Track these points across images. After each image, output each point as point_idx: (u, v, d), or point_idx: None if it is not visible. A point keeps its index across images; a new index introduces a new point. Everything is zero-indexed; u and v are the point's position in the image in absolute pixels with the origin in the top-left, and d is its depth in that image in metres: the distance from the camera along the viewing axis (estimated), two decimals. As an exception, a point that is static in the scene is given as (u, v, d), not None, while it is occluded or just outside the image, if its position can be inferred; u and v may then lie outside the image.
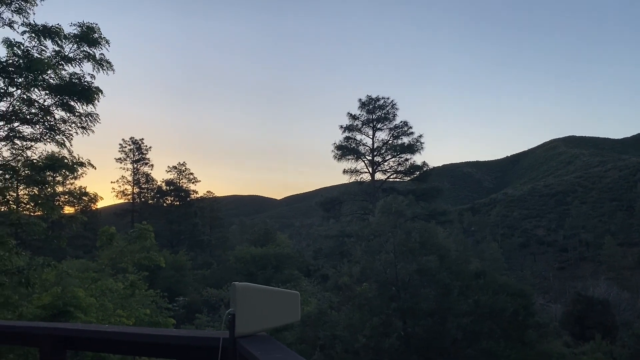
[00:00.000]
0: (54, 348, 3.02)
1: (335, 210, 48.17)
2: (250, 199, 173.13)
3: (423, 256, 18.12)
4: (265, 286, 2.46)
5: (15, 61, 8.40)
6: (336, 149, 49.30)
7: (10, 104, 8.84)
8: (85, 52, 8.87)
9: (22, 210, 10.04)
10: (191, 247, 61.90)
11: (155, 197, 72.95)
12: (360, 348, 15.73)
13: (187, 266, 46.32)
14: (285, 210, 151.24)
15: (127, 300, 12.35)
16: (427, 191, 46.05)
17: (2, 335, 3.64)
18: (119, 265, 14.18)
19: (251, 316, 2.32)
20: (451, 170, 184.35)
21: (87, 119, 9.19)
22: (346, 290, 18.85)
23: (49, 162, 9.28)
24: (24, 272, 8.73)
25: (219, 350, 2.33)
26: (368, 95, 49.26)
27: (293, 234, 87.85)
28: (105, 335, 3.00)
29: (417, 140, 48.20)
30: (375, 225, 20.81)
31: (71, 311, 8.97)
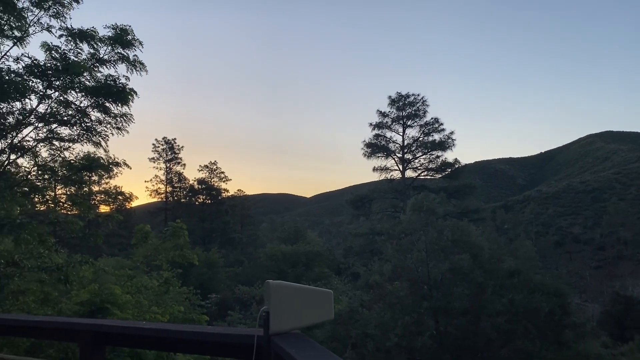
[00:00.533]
0: (94, 343, 3.09)
1: (365, 208, 47.98)
2: (280, 197, 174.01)
3: (455, 255, 17.89)
4: (299, 284, 2.46)
5: (53, 64, 8.64)
6: (366, 146, 49.12)
7: (48, 106, 9.11)
8: (120, 53, 9.06)
9: (59, 210, 10.34)
10: (223, 244, 62.66)
11: (188, 196, 74.13)
12: (392, 347, 15.64)
13: (219, 264, 46.88)
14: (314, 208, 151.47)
15: (162, 297, 12.58)
16: (459, 189, 45.44)
17: (44, 331, 3.75)
18: (154, 262, 14.47)
19: (285, 314, 2.32)
20: (483, 167, 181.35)
21: (121, 119, 9.40)
22: (377, 289, 18.76)
23: (85, 163, 9.52)
24: (63, 270, 8.98)
25: (253, 347, 2.34)
26: (398, 92, 48.91)
27: (323, 232, 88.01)
28: (143, 332, 3.06)
29: (449, 137, 47.63)
30: (407, 224, 20.64)
31: (108, 308, 9.19)
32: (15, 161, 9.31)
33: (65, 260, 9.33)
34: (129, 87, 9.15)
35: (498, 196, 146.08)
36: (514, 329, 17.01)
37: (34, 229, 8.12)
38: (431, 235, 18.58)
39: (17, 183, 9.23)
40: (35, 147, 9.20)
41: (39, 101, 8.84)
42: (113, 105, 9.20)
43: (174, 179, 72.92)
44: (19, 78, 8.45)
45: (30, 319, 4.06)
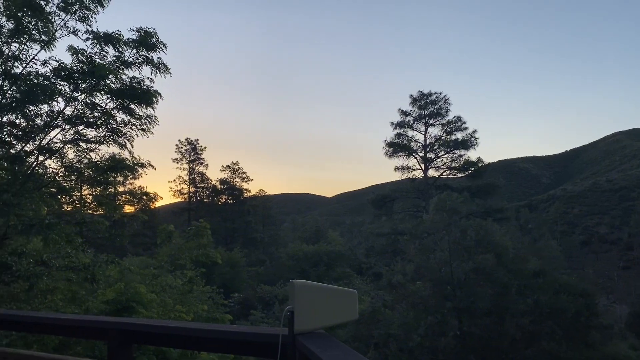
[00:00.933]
0: (121, 342, 3.14)
1: (387, 207, 47.71)
2: (301, 197, 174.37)
3: (479, 254, 17.70)
4: (323, 284, 2.47)
5: (80, 67, 8.81)
6: (387, 145, 48.83)
7: (75, 108, 9.28)
8: (144, 56, 9.19)
9: (86, 210, 10.53)
10: (245, 244, 63.05)
11: (210, 196, 74.84)
12: (415, 347, 15.55)
13: (242, 263, 47.18)
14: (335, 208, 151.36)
15: (186, 296, 12.71)
16: (482, 188, 44.88)
17: (73, 329, 3.83)
18: (177, 262, 14.64)
19: (309, 313, 2.32)
20: (507, 166, 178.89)
21: (146, 121, 9.53)
22: (400, 289, 18.67)
23: (111, 164, 9.68)
24: (90, 269, 9.15)
25: (278, 346, 2.35)
26: (419, 90, 48.54)
27: (344, 231, 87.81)
28: (169, 331, 3.09)
29: (471, 135, 47.07)
30: (429, 223, 20.49)
31: (134, 306, 9.32)
32: (43, 162, 9.51)
33: (91, 259, 9.50)
34: (153, 89, 9.29)
35: (522, 195, 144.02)
36: (539, 330, 16.77)
37: (62, 229, 8.29)
38: (454, 235, 18.41)
39: (45, 184, 9.42)
40: (63, 149, 9.39)
41: (66, 104, 9.03)
42: (138, 107, 9.34)
43: (196, 179, 73.72)
44: (47, 81, 8.63)
45: (59, 317, 4.15)
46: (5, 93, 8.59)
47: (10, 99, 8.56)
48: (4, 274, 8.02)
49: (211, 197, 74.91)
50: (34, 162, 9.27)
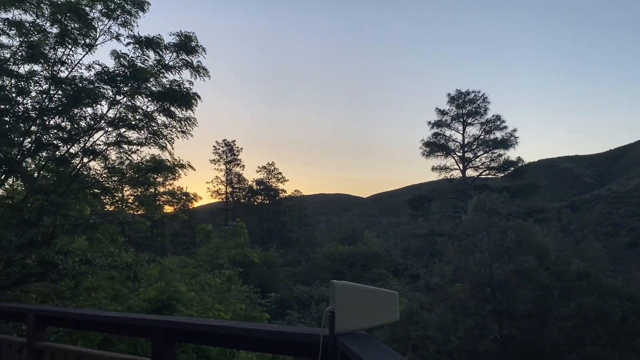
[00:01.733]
0: (165, 339, 3.21)
1: (424, 208, 47.20)
2: (336, 198, 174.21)
3: (520, 256, 17.29)
4: (364, 285, 2.45)
5: (122, 71, 9.05)
6: (424, 145, 48.35)
7: (117, 111, 9.53)
8: (184, 60, 9.36)
9: (127, 210, 10.81)
10: (281, 244, 63.49)
11: (247, 196, 75.75)
12: (453, 350, 15.32)
13: (278, 263, 47.52)
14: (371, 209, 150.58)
15: (224, 295, 12.91)
16: (522, 188, 43.90)
17: (119, 326, 3.94)
18: (216, 261, 14.89)
19: (350, 314, 2.31)
20: (548, 166, 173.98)
21: (185, 123, 9.70)
22: (438, 291, 18.44)
23: (152, 165, 9.91)
24: (132, 268, 9.38)
25: (319, 346, 2.34)
26: (457, 89, 47.88)
27: (380, 232, 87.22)
28: (211, 329, 3.13)
29: (511, 134, 46.11)
30: (468, 224, 20.15)
31: (174, 304, 9.53)
32: (87, 164, 9.80)
33: (133, 258, 9.75)
34: (192, 92, 9.45)
35: (564, 195, 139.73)
36: (583, 334, 16.26)
37: (106, 229, 8.54)
38: (494, 236, 18.05)
39: (89, 185, 9.71)
40: (106, 151, 9.66)
41: (109, 107, 9.28)
42: (178, 109, 9.53)
43: (233, 180, 74.75)
44: (91, 85, 8.90)
45: (106, 315, 4.27)
46: (52, 97, 8.90)
47: (56, 103, 8.86)
48: (51, 272, 8.30)
49: (247, 197, 75.83)
50: (78, 163, 9.56)
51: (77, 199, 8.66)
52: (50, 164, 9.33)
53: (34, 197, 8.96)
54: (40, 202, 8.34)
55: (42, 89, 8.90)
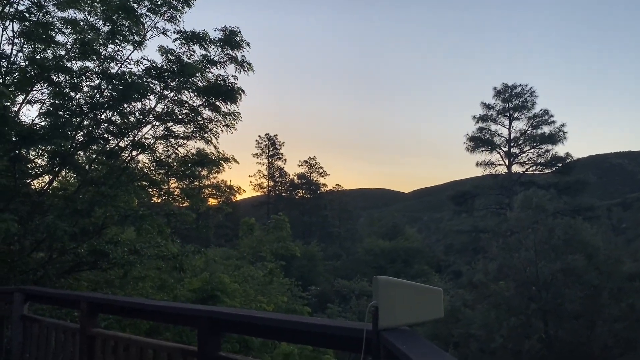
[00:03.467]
0: (211, 329, 3.28)
1: (468, 204, 46.44)
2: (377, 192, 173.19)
3: (568, 254, 16.77)
4: (408, 281, 2.44)
5: (169, 66, 9.27)
6: (469, 140, 47.57)
7: (164, 105, 9.77)
8: (228, 54, 9.49)
9: (173, 203, 11.09)
10: (321, 238, 63.77)
11: (288, 190, 76.44)
12: (496, 348, 15.05)
13: (319, 257, 47.77)
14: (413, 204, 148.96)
15: (266, 287, 13.08)
16: (570, 184, 42.55)
17: (167, 315, 4.05)
18: (259, 254, 15.11)
19: (394, 310, 2.30)
20: (599, 162, 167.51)
21: (230, 117, 9.86)
22: (481, 288, 18.12)
23: (197, 158, 10.12)
24: (178, 258, 9.64)
25: (361, 341, 2.35)
26: (504, 82, 46.79)
27: (422, 228, 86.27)
28: (256, 320, 3.18)
29: (559, 129, 44.78)
30: (514, 221, 19.69)
31: (218, 295, 9.74)
32: (136, 157, 10.10)
33: (179, 249, 10.00)
34: (237, 87, 9.59)
35: (615, 193, 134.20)
36: (635, 337, 15.65)
37: (154, 220, 8.79)
38: (541, 234, 17.57)
39: (138, 177, 10.02)
40: (153, 144, 9.93)
41: (157, 101, 9.52)
42: (223, 104, 9.69)
43: (275, 173, 75.54)
44: (140, 80, 9.16)
45: (155, 304, 4.41)
46: (102, 92, 9.21)
47: (107, 98, 9.17)
48: (101, 260, 8.63)
49: (289, 191, 76.51)
50: (127, 156, 9.87)
51: (127, 190, 8.96)
52: (101, 156, 9.67)
53: (85, 189, 9.32)
54: (91, 194, 8.67)
55: (93, 84, 9.22)
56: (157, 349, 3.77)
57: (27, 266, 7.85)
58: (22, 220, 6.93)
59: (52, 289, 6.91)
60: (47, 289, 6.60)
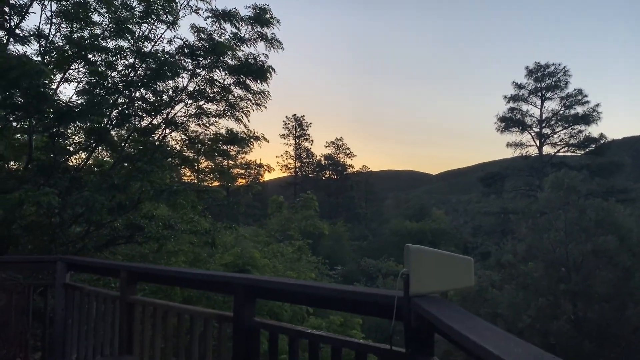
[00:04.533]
0: (247, 295, 3.42)
1: (497, 186, 45.86)
2: (404, 174, 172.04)
3: (599, 236, 16.51)
4: (438, 250, 2.49)
5: (201, 45, 9.40)
6: (499, 120, 46.76)
7: (196, 84, 9.93)
8: (259, 32, 9.55)
9: (204, 181, 11.32)
10: (348, 219, 63.96)
11: (315, 171, 76.70)
12: (524, 328, 15.01)
13: (345, 237, 48.00)
14: (440, 186, 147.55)
15: (295, 264, 13.30)
16: (604, 166, 41.55)
17: (204, 282, 4.22)
18: (287, 232, 15.35)
19: (425, 277, 2.35)
20: (634, 143, 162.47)
21: (260, 96, 9.96)
22: (509, 269, 18.01)
23: (228, 137, 10.28)
24: (210, 233, 9.88)
25: (393, 307, 2.42)
26: (536, 62, 45.66)
27: (449, 210, 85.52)
28: (290, 287, 3.31)
29: (593, 109, 43.61)
30: (544, 202, 19.40)
31: (249, 270, 9.97)
32: (169, 135, 10.32)
33: (211, 224, 10.25)
34: (267, 65, 9.66)
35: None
36: (668, 320, 15.41)
37: (188, 195, 9.03)
38: (572, 215, 17.30)
39: (171, 155, 10.25)
40: (186, 122, 10.12)
41: (189, 79, 9.68)
42: (253, 82, 9.78)
43: (302, 154, 75.83)
44: (172, 59, 9.31)
45: (191, 272, 4.60)
46: (137, 70, 9.41)
47: (141, 76, 9.36)
48: (137, 234, 8.92)
49: (316, 172, 76.79)
50: (160, 134, 10.09)
51: (162, 166, 9.19)
52: (135, 134, 9.92)
53: (121, 165, 9.61)
54: (127, 170, 8.93)
55: (128, 63, 9.42)
56: (194, 314, 3.94)
57: (67, 238, 8.18)
58: (61, 194, 7.20)
59: (92, 259, 7.20)
60: (88, 258, 6.89)
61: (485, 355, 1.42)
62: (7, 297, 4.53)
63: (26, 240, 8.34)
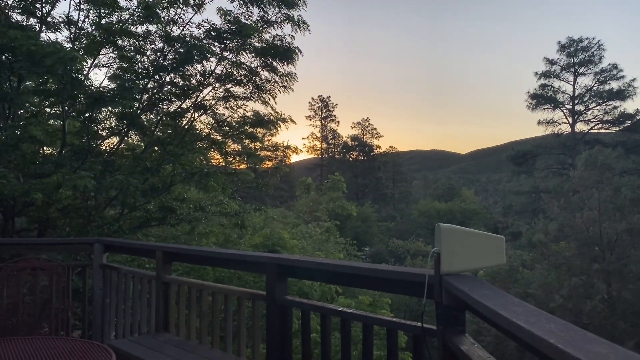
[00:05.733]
0: (278, 274, 3.49)
1: (528, 164, 44.92)
2: (433, 154, 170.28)
3: (635, 214, 16.11)
4: (469, 229, 2.49)
5: (228, 28, 9.43)
6: (530, 97, 45.61)
7: (224, 67, 10.00)
8: (285, 14, 9.53)
9: (233, 163, 11.45)
10: (375, 200, 63.86)
11: (342, 152, 76.52)
12: (556, 308, 14.85)
13: (373, 218, 47.94)
14: (470, 165, 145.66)
15: (323, 245, 13.41)
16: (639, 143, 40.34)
17: (237, 262, 4.32)
18: (315, 213, 15.47)
19: (456, 255, 2.36)
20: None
21: (287, 78, 9.97)
22: (541, 248, 17.77)
23: (255, 119, 10.36)
24: (240, 215, 10.03)
25: (424, 286, 2.44)
26: (569, 36, 44.23)
27: (479, 190, 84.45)
28: (320, 266, 3.36)
29: (629, 84, 42.12)
30: (577, 180, 18.99)
31: (278, 250, 10.11)
32: (198, 118, 10.46)
33: (240, 206, 10.39)
34: (294, 47, 9.66)
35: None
36: None
37: (219, 178, 9.17)
38: (606, 193, 16.91)
39: (200, 138, 10.39)
40: (214, 106, 10.23)
41: (217, 63, 9.75)
42: (279, 64, 9.80)
43: (328, 135, 75.68)
44: (200, 43, 9.38)
45: (224, 252, 4.70)
46: (165, 55, 9.52)
47: (170, 61, 9.47)
48: (169, 216, 9.12)
49: (342, 153, 76.61)
50: (190, 117, 10.23)
51: (193, 149, 9.34)
52: (165, 118, 10.07)
53: (152, 149, 9.79)
54: (158, 153, 9.10)
55: (156, 47, 9.53)
56: (228, 293, 4.04)
57: (102, 220, 8.41)
58: (96, 178, 7.39)
59: (128, 240, 7.41)
60: (125, 240, 7.10)
61: (516, 330, 1.43)
62: (48, 277, 4.71)
63: (63, 222, 8.61)
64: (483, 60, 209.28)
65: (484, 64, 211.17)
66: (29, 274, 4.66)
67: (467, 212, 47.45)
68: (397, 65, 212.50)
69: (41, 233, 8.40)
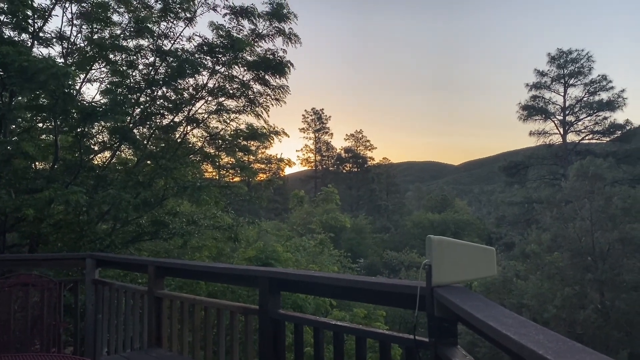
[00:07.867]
0: (271, 288, 3.48)
1: (520, 175, 45.16)
2: (425, 165, 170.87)
3: (627, 224, 16.19)
4: (460, 240, 2.50)
5: (220, 42, 9.48)
6: (521, 109, 45.97)
7: (216, 80, 10.03)
8: (276, 27, 9.59)
9: (226, 176, 11.44)
10: (369, 211, 63.81)
11: (335, 164, 76.60)
12: (550, 318, 14.85)
13: (367, 229, 47.88)
14: (462, 176, 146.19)
15: (317, 257, 13.36)
16: (630, 153, 40.57)
17: (230, 276, 4.30)
18: (308, 226, 15.43)
19: (447, 267, 2.37)
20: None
21: (279, 91, 10.01)
22: (534, 259, 17.80)
23: (248, 132, 10.37)
24: (233, 229, 10.00)
25: (416, 297, 2.44)
26: (558, 48, 44.73)
27: (472, 200, 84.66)
28: (313, 279, 3.35)
29: (619, 95, 42.56)
30: (569, 190, 19.09)
31: (272, 263, 10.07)
32: (191, 132, 10.45)
33: (234, 220, 10.37)
34: (286, 60, 9.70)
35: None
36: (699, 309, 15.08)
37: (211, 191, 9.15)
38: (597, 203, 17.00)
39: (193, 151, 10.39)
40: (207, 119, 10.23)
41: (209, 77, 9.78)
42: (272, 77, 9.84)
43: (322, 148, 75.79)
44: (192, 57, 9.42)
45: (217, 266, 4.68)
46: (157, 69, 9.54)
47: (162, 75, 9.49)
48: (162, 230, 9.08)
49: (336, 165, 76.69)
50: (182, 131, 10.23)
51: (186, 163, 9.33)
52: (157, 132, 10.06)
53: (144, 163, 9.77)
54: (151, 167, 9.08)
55: (148, 61, 9.56)
56: (220, 307, 4.02)
57: (94, 235, 8.36)
58: (88, 192, 7.36)
59: (120, 255, 7.36)
60: (116, 255, 7.05)
61: (506, 342, 1.44)
62: (39, 293, 4.66)
63: (55, 238, 8.56)
64: (476, 72, 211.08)
65: (477, 76, 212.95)
66: (20, 290, 4.61)
67: (461, 223, 47.51)
68: (391, 78, 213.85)
69: (33, 249, 8.33)
